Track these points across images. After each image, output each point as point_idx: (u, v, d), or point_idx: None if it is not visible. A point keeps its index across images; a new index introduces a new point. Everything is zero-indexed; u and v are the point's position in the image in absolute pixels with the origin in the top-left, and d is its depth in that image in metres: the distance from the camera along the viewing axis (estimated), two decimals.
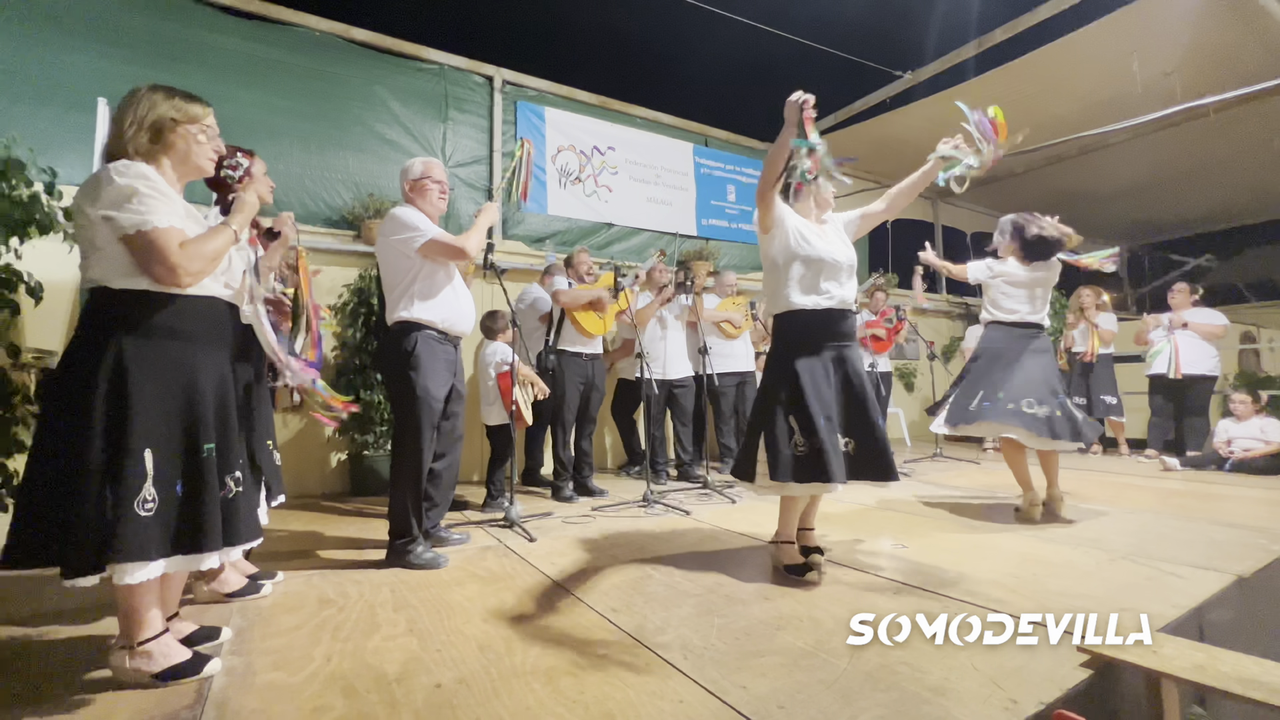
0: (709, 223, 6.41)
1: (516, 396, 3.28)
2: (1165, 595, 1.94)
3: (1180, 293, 5.20)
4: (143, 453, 1.36)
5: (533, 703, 1.35)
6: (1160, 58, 5.04)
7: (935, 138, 2.43)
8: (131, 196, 1.39)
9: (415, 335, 2.42)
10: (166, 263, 1.40)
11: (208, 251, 1.48)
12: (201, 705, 1.37)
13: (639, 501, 3.50)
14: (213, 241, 1.50)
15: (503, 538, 2.84)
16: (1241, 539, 2.63)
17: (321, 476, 4.17)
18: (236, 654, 1.63)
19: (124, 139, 1.47)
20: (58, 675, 1.52)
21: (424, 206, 2.53)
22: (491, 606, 1.96)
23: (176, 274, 1.42)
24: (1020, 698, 1.34)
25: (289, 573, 2.29)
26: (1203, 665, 1.39)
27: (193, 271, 1.45)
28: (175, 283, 1.43)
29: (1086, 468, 4.97)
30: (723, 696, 1.36)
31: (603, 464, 5.18)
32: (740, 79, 8.76)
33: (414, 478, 2.43)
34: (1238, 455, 4.64)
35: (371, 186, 4.57)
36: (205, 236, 1.50)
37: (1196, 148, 6.75)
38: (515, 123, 5.39)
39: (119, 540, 1.31)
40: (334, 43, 4.65)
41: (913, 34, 6.52)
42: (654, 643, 1.65)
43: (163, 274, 1.41)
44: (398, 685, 1.44)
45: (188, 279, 1.44)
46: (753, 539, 2.76)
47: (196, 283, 1.48)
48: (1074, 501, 3.50)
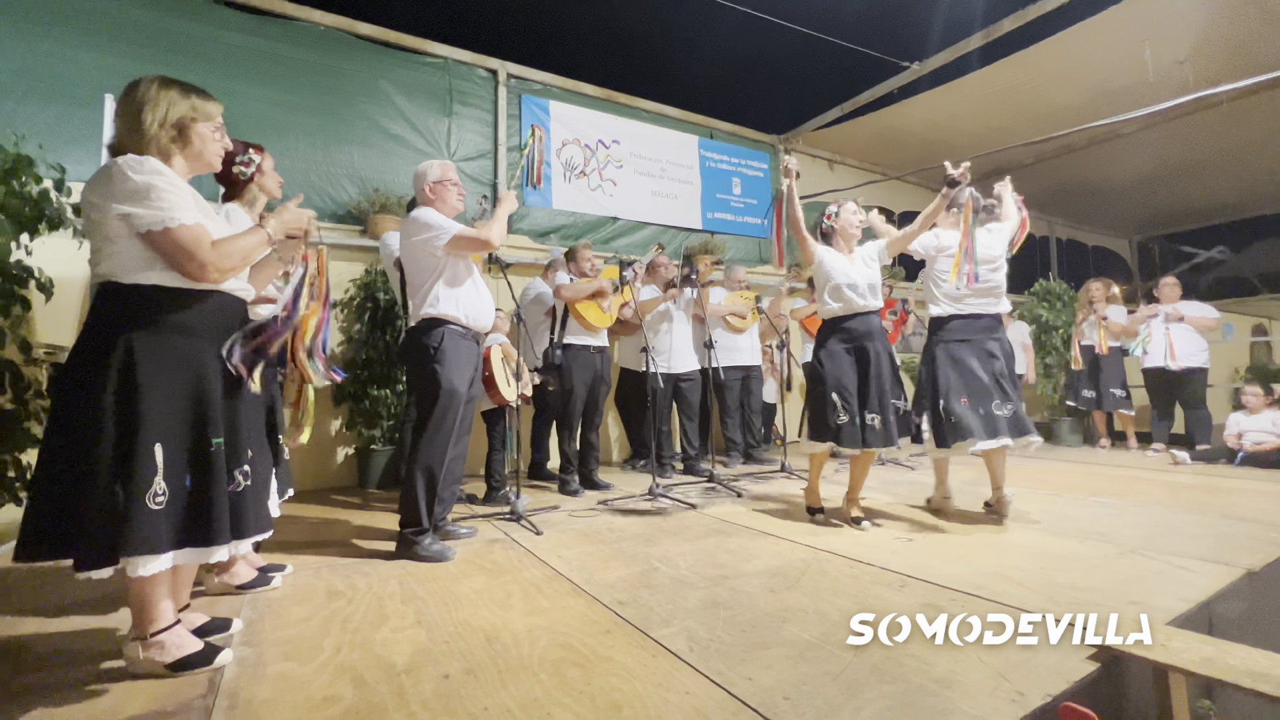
0: (714, 216, 6.39)
1: (495, 367, 3.29)
2: (1174, 589, 1.93)
3: (1171, 286, 5.32)
4: (153, 447, 1.37)
5: (540, 694, 1.36)
6: (1173, 46, 4.96)
7: (942, 129, 2.43)
8: (149, 192, 1.39)
9: (440, 330, 2.49)
10: (196, 259, 1.42)
11: (239, 252, 1.50)
12: (214, 695, 1.39)
13: (645, 495, 3.51)
14: (245, 242, 1.52)
15: (509, 531, 2.85)
16: (1251, 532, 2.61)
17: (330, 470, 4.21)
18: (248, 645, 1.65)
19: (145, 137, 1.47)
20: (72, 665, 1.55)
21: (443, 208, 2.60)
22: (498, 598, 1.97)
23: (207, 270, 1.44)
24: (1026, 690, 1.34)
25: (298, 565, 2.32)
26: (1211, 658, 1.38)
27: (224, 269, 1.47)
28: (205, 279, 1.46)
29: (1095, 461, 4.95)
30: (728, 688, 1.37)
31: (607, 458, 5.19)
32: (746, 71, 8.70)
33: (433, 469, 2.46)
34: (1249, 448, 4.61)
35: (377, 181, 4.58)
36: (239, 237, 1.52)
37: (1209, 138, 6.65)
38: (520, 117, 5.37)
39: (131, 533, 1.33)
40: (339, 37, 4.64)
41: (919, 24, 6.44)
42: (660, 635, 1.66)
43: (193, 270, 1.43)
44: (406, 676, 1.45)
45: (217, 275, 1.47)
46: (759, 532, 2.77)
47: (225, 280, 1.50)
48: (1082, 495, 3.49)
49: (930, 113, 6.07)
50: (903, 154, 7.11)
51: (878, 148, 7.11)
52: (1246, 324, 9.07)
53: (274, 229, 1.60)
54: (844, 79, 6.30)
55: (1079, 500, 3.35)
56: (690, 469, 4.56)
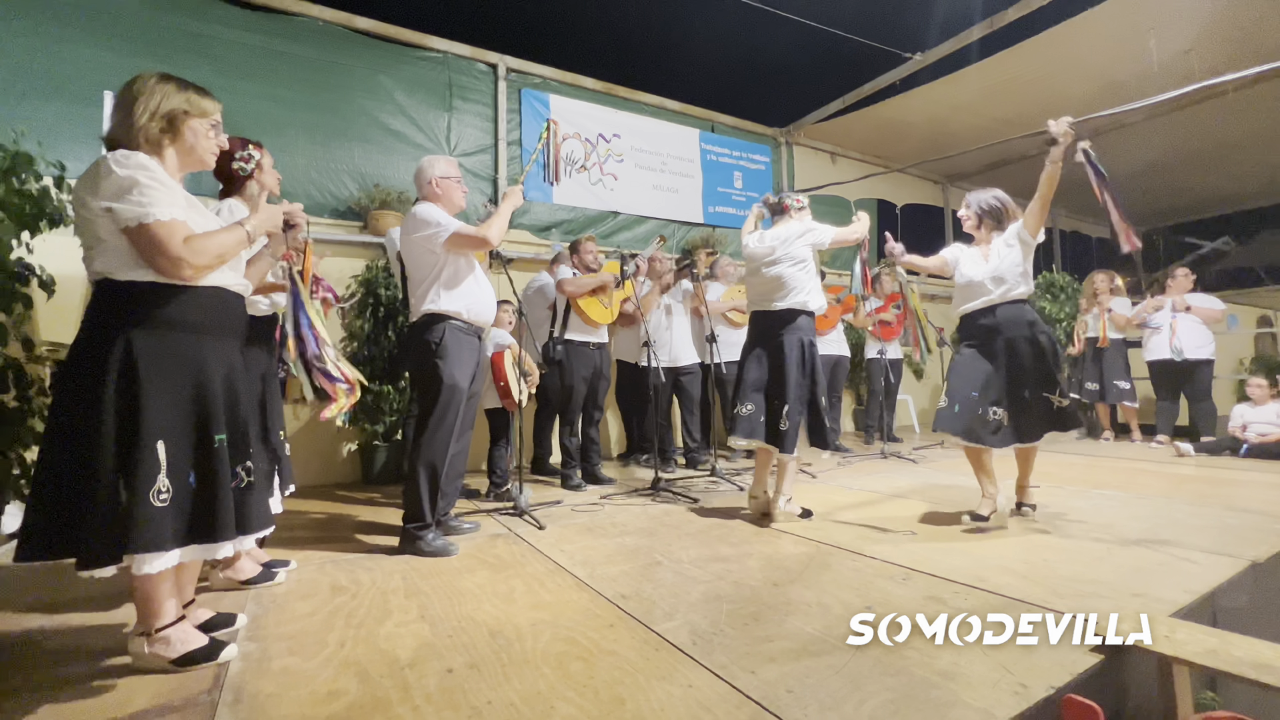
0: (716, 210, 6.36)
1: (509, 374, 3.29)
2: (1178, 580, 1.93)
3: (1182, 277, 5.25)
4: (155, 444, 1.37)
5: (543, 688, 1.36)
6: (1178, 35, 4.91)
7: (944, 120, 2.41)
8: (132, 188, 1.38)
9: (442, 326, 2.49)
10: (168, 255, 1.40)
11: (213, 248, 1.47)
12: (219, 689, 1.39)
13: (647, 489, 3.51)
14: (222, 239, 1.50)
15: (512, 525, 2.86)
16: (1255, 524, 2.60)
17: (333, 466, 4.21)
18: (252, 640, 1.65)
19: (134, 128, 1.46)
20: (78, 661, 1.56)
21: (446, 204, 2.60)
22: (502, 593, 1.97)
23: (179, 267, 1.41)
24: (1030, 682, 1.33)
25: (302, 561, 2.32)
26: (1215, 650, 1.38)
27: (197, 266, 1.44)
28: (179, 275, 1.43)
29: (1099, 454, 4.94)
30: (731, 681, 1.37)
31: (607, 452, 5.19)
32: (747, 64, 8.65)
33: (435, 465, 2.47)
34: (1253, 440, 4.59)
35: (377, 177, 4.57)
36: (216, 234, 1.50)
37: (1214, 128, 6.60)
38: (520, 111, 5.35)
39: (135, 531, 1.33)
40: (338, 32, 4.62)
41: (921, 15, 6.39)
42: (663, 628, 1.66)
43: (165, 266, 1.41)
44: (410, 670, 1.46)
45: (190, 272, 1.44)
46: (761, 526, 2.77)
47: (201, 277, 1.47)
48: (1086, 487, 3.48)
49: (932, 104, 6.03)
50: (905, 146, 7.07)
51: (879, 140, 7.07)
52: (1251, 315, 9.02)
53: (253, 227, 1.59)
54: (845, 71, 6.26)
55: (1082, 492, 3.34)
56: (692, 463, 4.57)
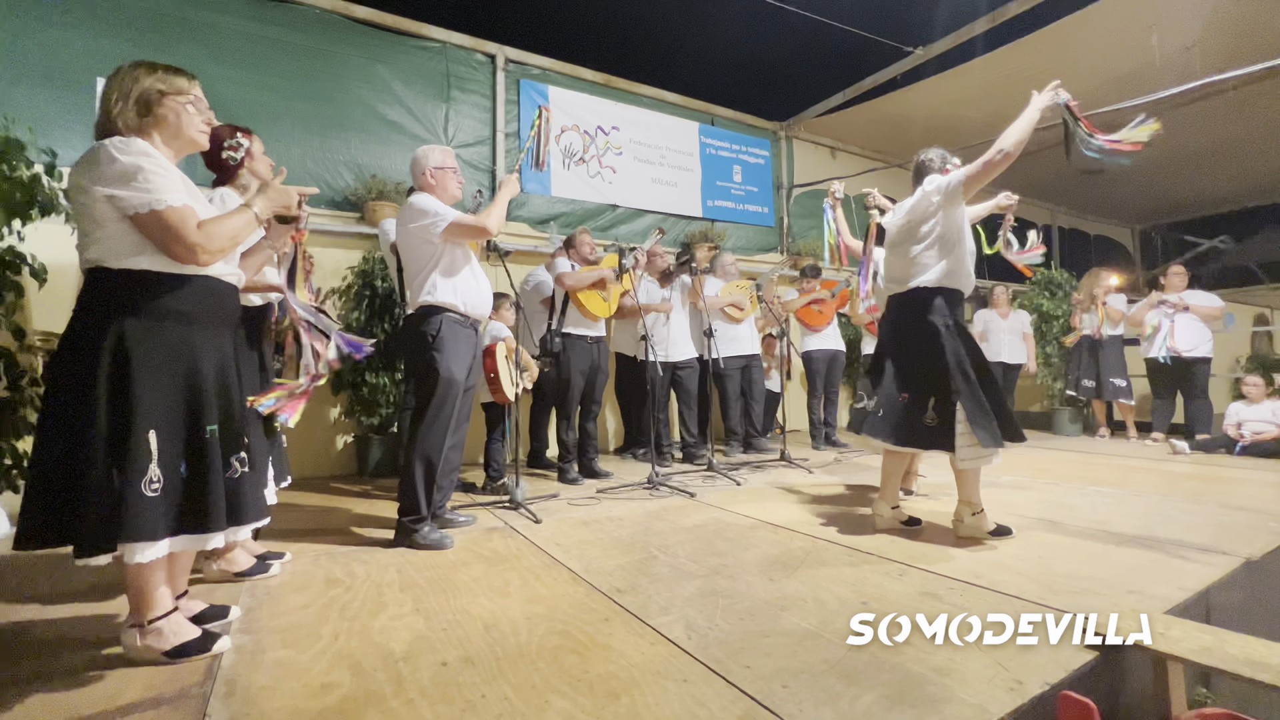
0: (715, 204, 6.34)
1: (500, 368, 3.27)
2: (1172, 578, 1.93)
3: (1178, 275, 5.26)
4: (147, 434, 1.36)
5: (538, 681, 1.36)
6: (1180, 31, 4.89)
7: (946, 115, 2.38)
8: (136, 174, 1.37)
9: (438, 318, 2.48)
10: (185, 241, 1.40)
11: (226, 231, 1.48)
12: (211, 681, 1.39)
13: (644, 483, 3.51)
14: (233, 221, 1.50)
15: (508, 519, 2.85)
16: (1250, 522, 2.61)
17: (329, 457, 4.21)
18: (246, 632, 1.65)
19: (112, 116, 1.45)
20: (70, 652, 1.55)
21: (442, 195, 2.58)
22: (497, 586, 1.97)
23: (196, 253, 1.42)
24: (1025, 678, 1.34)
25: (297, 553, 2.32)
26: (1210, 647, 1.38)
27: (213, 250, 1.45)
28: (194, 261, 1.43)
29: (1094, 451, 4.95)
30: (727, 676, 1.37)
31: (605, 446, 5.19)
32: (747, 57, 8.58)
33: (431, 458, 2.46)
34: (1248, 438, 4.61)
35: (374, 168, 4.53)
36: (225, 218, 1.49)
37: (1215, 125, 6.57)
38: (519, 102, 5.31)
39: (127, 520, 1.33)
40: (335, 21, 4.57)
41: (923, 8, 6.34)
42: (658, 623, 1.66)
43: (181, 253, 1.41)
44: (404, 663, 1.45)
45: (206, 257, 1.44)
46: (757, 520, 2.77)
47: (215, 261, 1.48)
48: (1081, 484, 3.49)
49: (934, 99, 5.99)
50: (906, 141, 7.02)
51: (880, 134, 7.03)
52: (1248, 314, 9.04)
53: (261, 208, 1.58)
54: (846, 64, 6.21)
55: (1078, 489, 3.35)
56: (689, 457, 4.57)
